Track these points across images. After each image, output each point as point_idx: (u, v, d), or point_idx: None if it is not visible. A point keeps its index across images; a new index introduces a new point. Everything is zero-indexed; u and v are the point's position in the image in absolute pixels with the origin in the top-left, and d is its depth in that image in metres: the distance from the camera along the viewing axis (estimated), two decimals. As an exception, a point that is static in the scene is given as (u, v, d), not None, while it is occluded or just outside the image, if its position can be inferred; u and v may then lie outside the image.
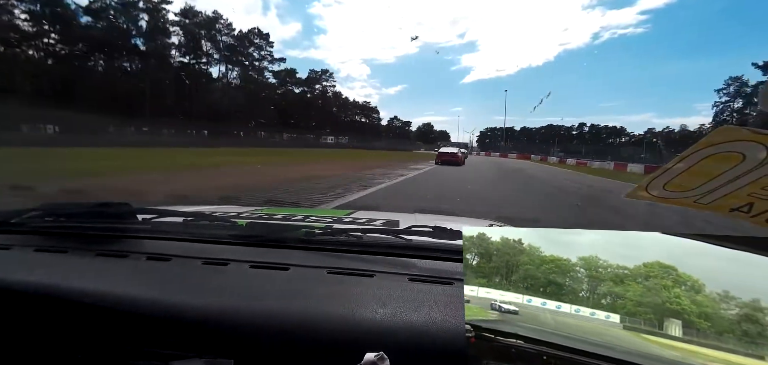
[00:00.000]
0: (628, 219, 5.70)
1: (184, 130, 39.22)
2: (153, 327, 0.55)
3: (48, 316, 0.60)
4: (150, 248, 0.79)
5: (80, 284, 0.62)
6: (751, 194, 0.41)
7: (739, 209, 0.44)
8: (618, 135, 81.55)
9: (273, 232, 0.85)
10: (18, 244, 0.81)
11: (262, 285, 0.62)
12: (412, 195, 7.67)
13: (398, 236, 0.78)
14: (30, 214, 0.91)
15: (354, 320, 0.52)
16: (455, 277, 0.63)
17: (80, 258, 0.75)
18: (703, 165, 0.41)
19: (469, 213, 5.57)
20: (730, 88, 50.26)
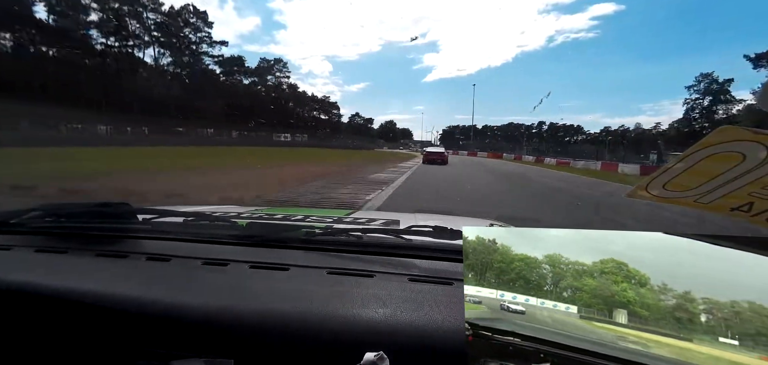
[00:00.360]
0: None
1: (118, 125, 32.05)
2: (153, 327, 0.55)
3: (48, 316, 0.60)
4: (150, 248, 0.79)
5: (80, 284, 0.62)
6: (752, 193, 0.41)
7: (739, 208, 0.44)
8: (575, 133, 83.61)
9: (273, 232, 0.85)
10: (18, 245, 0.81)
11: (262, 286, 0.62)
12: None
13: (398, 236, 0.78)
14: (30, 215, 0.91)
15: (354, 320, 0.52)
16: (455, 277, 0.63)
17: (80, 258, 0.75)
18: (703, 165, 0.41)
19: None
20: (700, 84, 50.79)
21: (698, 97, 51.26)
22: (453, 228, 0.76)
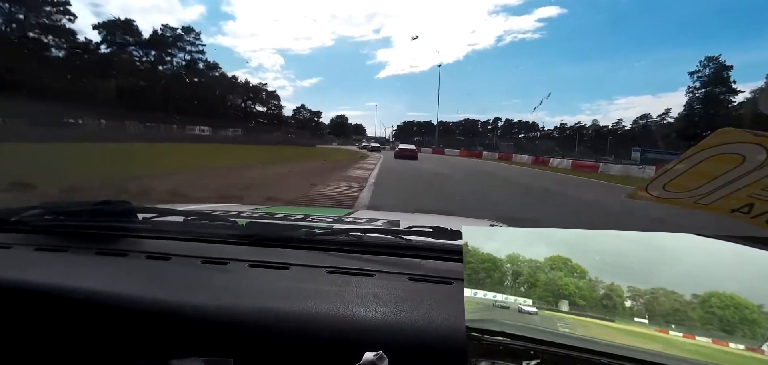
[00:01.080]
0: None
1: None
2: (153, 325, 0.55)
3: (48, 315, 0.60)
4: (150, 247, 0.79)
5: (80, 283, 0.62)
6: (752, 195, 0.42)
7: (739, 210, 0.44)
8: (531, 130, 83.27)
9: (273, 232, 0.85)
10: (18, 243, 0.81)
11: (262, 285, 0.62)
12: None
13: (398, 236, 0.78)
14: (30, 213, 0.91)
15: (354, 319, 0.52)
16: (455, 277, 0.63)
17: (80, 256, 0.75)
18: (703, 166, 0.41)
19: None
20: (705, 70, 50.51)
21: (701, 84, 51.35)
22: (453, 228, 0.76)
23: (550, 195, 9.90)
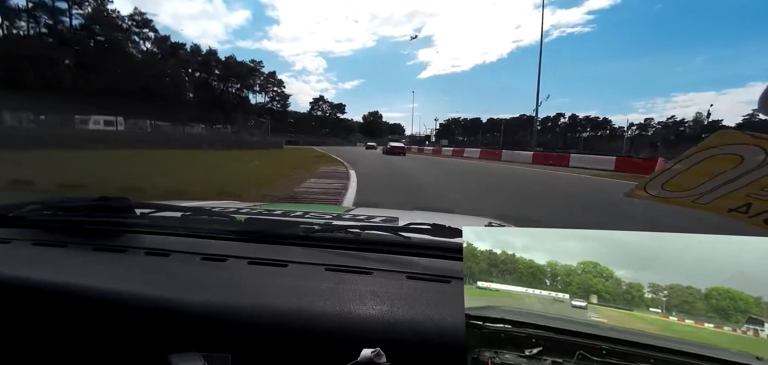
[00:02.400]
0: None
1: None
2: (151, 322, 0.56)
3: (46, 311, 0.60)
4: (148, 243, 0.79)
5: (78, 279, 0.62)
6: (749, 194, 0.42)
7: (737, 209, 0.44)
8: (599, 128, 76.28)
9: (271, 228, 0.85)
10: (16, 238, 0.81)
11: (261, 282, 0.62)
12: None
13: (396, 234, 0.78)
14: (28, 208, 0.90)
15: (351, 317, 0.52)
16: (453, 275, 0.63)
17: (78, 252, 0.75)
18: (702, 166, 0.41)
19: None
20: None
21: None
22: (451, 226, 0.76)
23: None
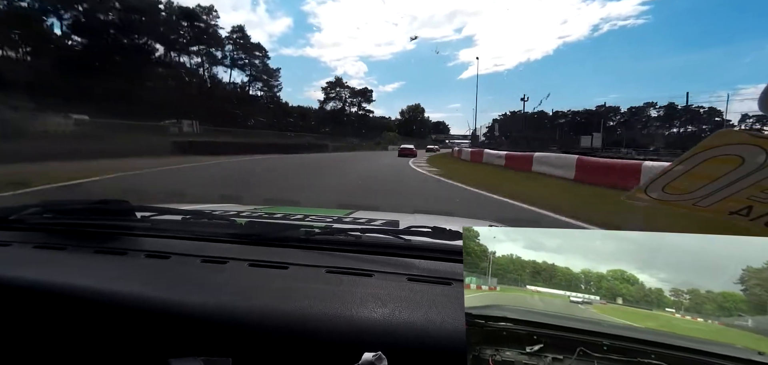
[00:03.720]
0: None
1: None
2: (151, 324, 0.55)
3: (46, 313, 0.60)
4: (149, 246, 0.78)
5: (79, 281, 0.62)
6: (751, 197, 0.42)
7: (737, 212, 0.44)
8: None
9: (272, 231, 0.85)
10: (17, 241, 0.81)
11: (261, 284, 0.62)
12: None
13: (397, 236, 0.78)
14: (29, 211, 0.91)
15: (352, 320, 0.52)
16: (454, 278, 0.63)
17: (79, 255, 0.75)
18: (702, 168, 0.41)
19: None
20: None
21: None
22: (452, 228, 0.76)
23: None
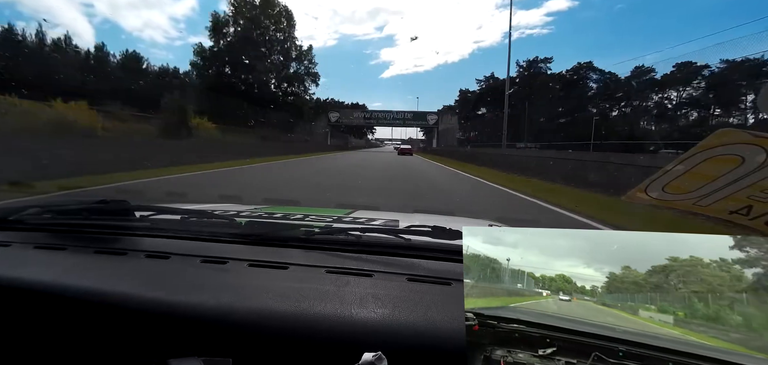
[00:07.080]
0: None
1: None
2: (151, 325, 0.55)
3: (46, 313, 0.60)
4: (149, 246, 0.78)
5: (79, 281, 0.62)
6: (750, 196, 0.42)
7: (737, 211, 0.44)
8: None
9: (272, 231, 0.85)
10: (17, 241, 0.81)
11: (261, 284, 0.62)
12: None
13: (397, 236, 0.78)
14: (29, 211, 0.90)
15: (352, 320, 0.52)
16: (454, 278, 0.63)
17: (79, 255, 0.75)
18: (702, 167, 0.41)
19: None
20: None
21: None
22: (452, 228, 0.76)
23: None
